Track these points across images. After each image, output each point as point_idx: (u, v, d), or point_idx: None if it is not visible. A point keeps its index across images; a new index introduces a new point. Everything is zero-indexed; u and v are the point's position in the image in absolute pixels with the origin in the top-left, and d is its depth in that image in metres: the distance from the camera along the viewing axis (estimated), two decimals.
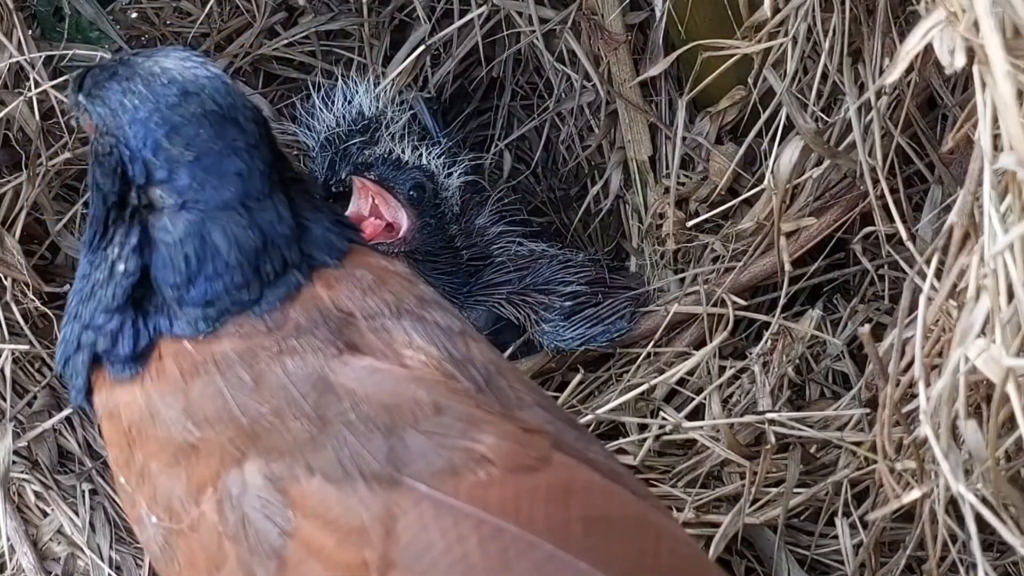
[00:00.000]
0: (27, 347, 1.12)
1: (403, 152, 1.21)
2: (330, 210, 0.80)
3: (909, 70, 0.94)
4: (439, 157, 1.23)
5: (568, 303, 1.22)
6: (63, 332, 0.78)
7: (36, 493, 1.07)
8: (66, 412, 1.10)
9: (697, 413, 1.11)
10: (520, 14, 1.35)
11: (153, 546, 0.73)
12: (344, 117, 1.29)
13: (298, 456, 0.67)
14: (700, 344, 1.18)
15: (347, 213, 1.17)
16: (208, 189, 0.71)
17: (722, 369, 1.14)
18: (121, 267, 0.73)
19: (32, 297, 1.13)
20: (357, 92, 1.30)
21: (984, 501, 0.66)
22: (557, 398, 1.17)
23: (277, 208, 0.73)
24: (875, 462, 0.82)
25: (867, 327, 0.77)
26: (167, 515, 0.71)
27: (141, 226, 0.73)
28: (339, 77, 1.34)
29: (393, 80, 1.34)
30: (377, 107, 1.30)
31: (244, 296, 0.72)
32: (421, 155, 1.22)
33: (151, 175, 0.72)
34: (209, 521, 0.69)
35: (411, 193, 1.18)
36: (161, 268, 0.72)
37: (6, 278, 1.12)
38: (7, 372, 1.11)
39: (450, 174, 1.23)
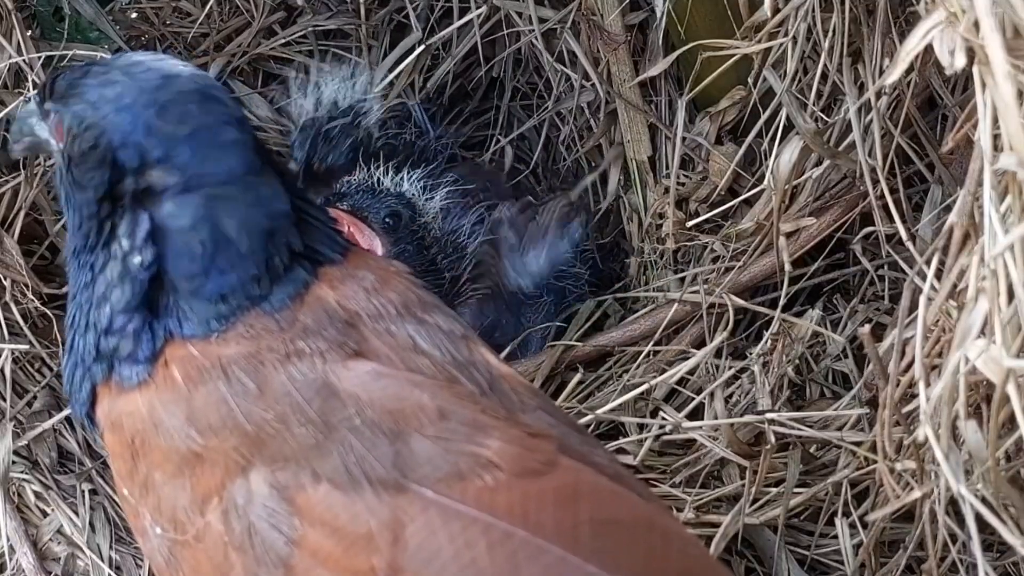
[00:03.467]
0: (27, 347, 1.12)
1: (380, 178, 1.22)
2: (319, 205, 0.80)
3: (909, 70, 0.94)
4: (419, 181, 1.22)
5: (511, 232, 1.24)
6: (74, 345, 0.76)
7: (36, 493, 1.07)
8: (66, 412, 1.10)
9: (697, 413, 1.11)
10: (520, 14, 1.35)
11: (158, 557, 0.72)
12: (318, 109, 1.30)
13: (304, 463, 0.67)
14: (700, 344, 1.18)
15: None
16: (210, 162, 0.71)
17: (722, 369, 1.14)
18: (137, 259, 0.72)
19: (32, 297, 1.13)
20: (331, 82, 1.30)
21: (984, 501, 0.66)
22: (557, 398, 1.17)
23: (273, 183, 0.73)
24: (875, 462, 0.82)
25: (867, 327, 0.76)
26: (172, 526, 0.70)
27: (147, 212, 0.72)
28: (306, 70, 1.35)
29: (392, 82, 1.34)
30: (352, 96, 1.30)
31: (255, 291, 0.72)
32: (401, 179, 1.22)
33: (145, 157, 0.71)
34: (215, 531, 0.68)
35: (386, 221, 1.18)
36: (175, 258, 0.72)
37: (6, 278, 1.12)
38: (7, 372, 1.11)
39: (430, 197, 1.23)
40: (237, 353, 0.70)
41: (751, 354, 1.14)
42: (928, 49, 0.59)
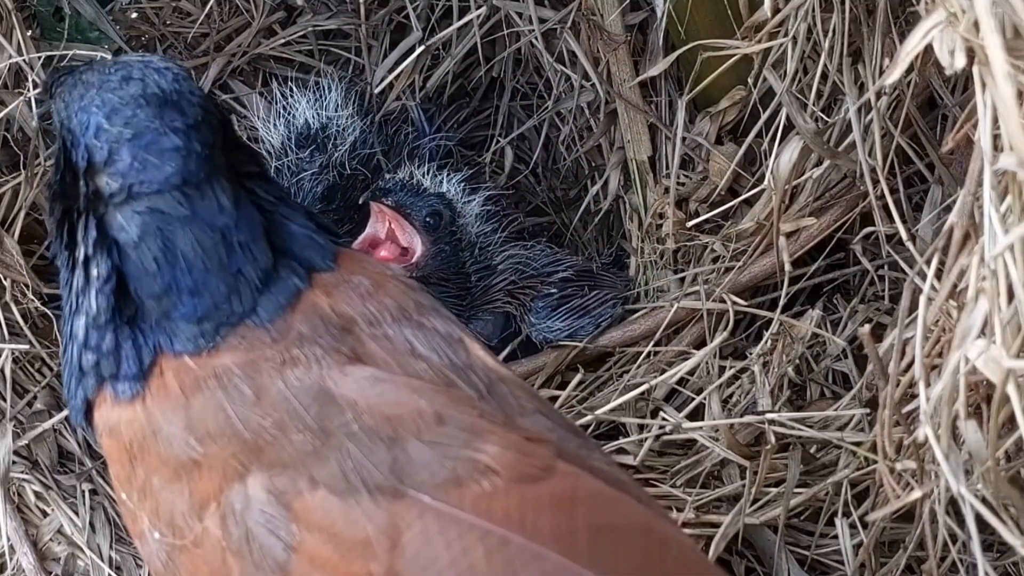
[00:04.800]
0: (27, 347, 1.12)
1: (423, 178, 1.23)
2: (304, 210, 0.78)
3: (909, 70, 0.94)
4: (459, 183, 1.23)
5: (556, 291, 1.24)
6: (66, 354, 0.76)
7: (36, 493, 1.07)
8: (66, 412, 1.10)
9: (697, 413, 1.11)
10: (520, 14, 1.35)
11: (156, 562, 0.72)
12: (289, 133, 1.30)
13: (301, 469, 0.67)
14: (700, 344, 1.18)
15: (364, 236, 1.19)
16: (149, 168, 0.69)
17: (722, 369, 1.14)
18: (94, 270, 0.71)
19: (32, 297, 1.13)
20: (299, 105, 1.31)
21: (984, 501, 0.66)
22: (557, 398, 1.17)
23: (217, 197, 0.71)
24: (875, 462, 0.82)
25: (867, 327, 0.76)
26: (170, 531, 0.70)
27: (97, 219, 0.71)
28: (278, 93, 1.35)
29: (392, 82, 1.35)
30: (322, 119, 1.31)
31: (237, 307, 0.71)
32: (441, 181, 1.22)
33: (92, 158, 0.70)
34: (213, 536, 0.68)
35: (427, 220, 1.20)
36: (137, 276, 0.71)
37: (6, 278, 1.12)
38: (7, 372, 1.11)
39: (470, 200, 1.24)
40: (232, 362, 0.70)
41: (751, 354, 1.14)
42: (928, 49, 0.59)
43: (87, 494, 1.07)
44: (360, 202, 1.21)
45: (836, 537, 0.96)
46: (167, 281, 0.70)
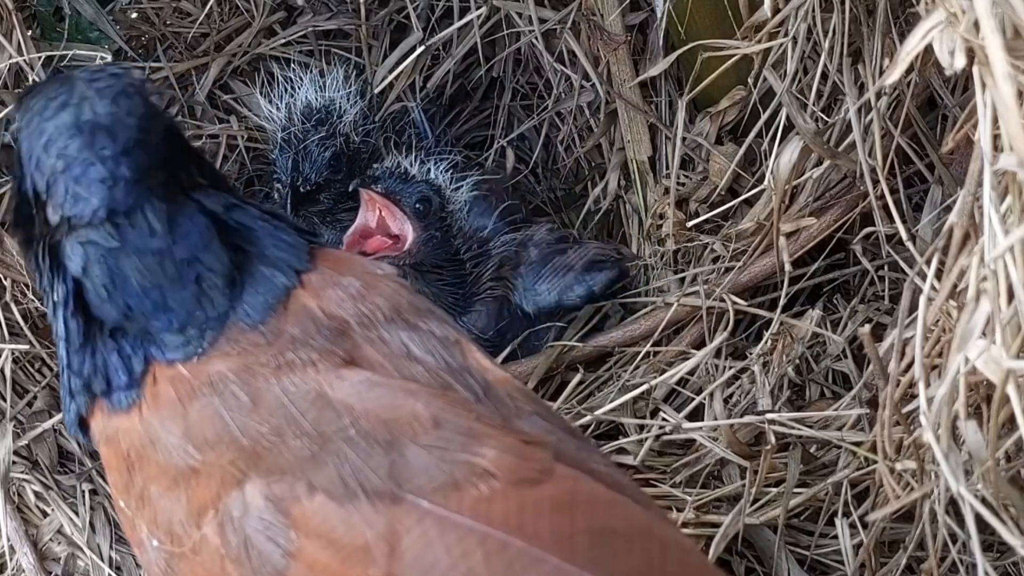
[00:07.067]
0: (27, 347, 1.12)
1: (410, 166, 1.23)
2: (263, 209, 0.76)
3: (909, 70, 0.94)
4: (446, 171, 1.23)
5: (535, 251, 1.25)
6: (61, 379, 0.75)
7: (36, 493, 1.07)
8: None
9: (697, 413, 1.11)
10: (520, 14, 1.35)
11: (155, 569, 0.72)
12: (294, 112, 1.30)
13: (299, 475, 0.66)
14: (700, 344, 1.18)
15: (355, 226, 1.20)
16: (80, 202, 0.68)
17: (722, 369, 1.14)
18: (56, 295, 0.71)
19: (32, 297, 1.13)
20: (302, 84, 1.31)
21: (984, 502, 0.66)
22: (556, 399, 1.16)
23: (149, 222, 0.69)
24: (875, 462, 0.82)
25: (867, 327, 0.77)
26: (168, 538, 0.70)
27: (50, 246, 0.70)
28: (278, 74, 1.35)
29: (391, 83, 1.35)
30: (325, 97, 1.31)
31: (211, 311, 0.70)
32: (429, 169, 1.22)
33: (36, 188, 0.70)
34: (211, 544, 0.68)
35: (417, 206, 1.20)
36: (95, 305, 0.70)
37: (6, 278, 1.12)
38: (7, 372, 1.11)
39: (458, 188, 1.24)
40: (227, 368, 0.69)
41: (751, 354, 1.14)
42: (928, 49, 0.59)
43: (87, 494, 1.07)
44: (350, 189, 1.21)
45: (836, 537, 0.96)
46: (122, 306, 0.70)
